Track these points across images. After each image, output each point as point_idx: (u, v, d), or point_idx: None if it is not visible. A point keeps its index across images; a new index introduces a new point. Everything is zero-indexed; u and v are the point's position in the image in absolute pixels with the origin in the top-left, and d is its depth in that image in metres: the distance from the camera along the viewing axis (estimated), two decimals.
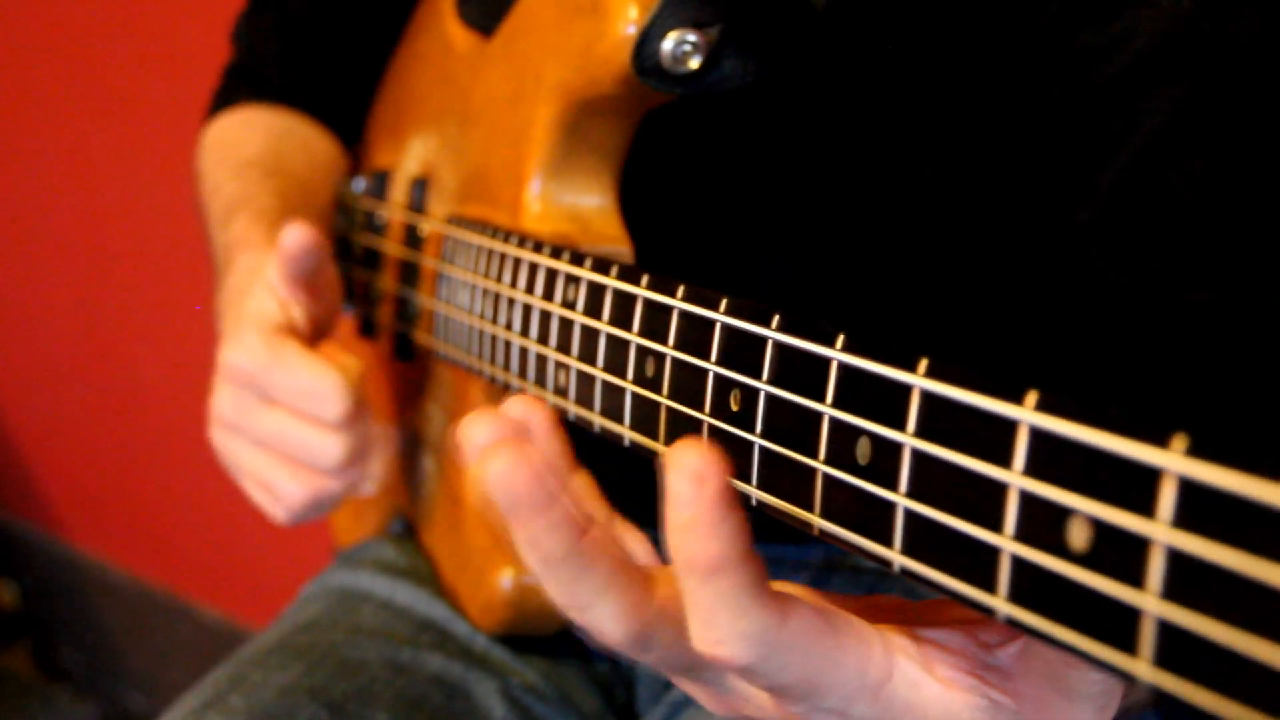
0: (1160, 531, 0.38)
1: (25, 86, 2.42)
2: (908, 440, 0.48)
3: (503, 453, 0.50)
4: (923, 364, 0.47)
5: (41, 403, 2.61)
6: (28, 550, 2.64)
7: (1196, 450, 0.37)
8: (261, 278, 0.90)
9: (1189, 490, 0.37)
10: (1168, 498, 0.38)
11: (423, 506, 1.02)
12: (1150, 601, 0.38)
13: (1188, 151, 0.72)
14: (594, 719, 0.94)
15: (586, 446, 0.92)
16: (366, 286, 1.12)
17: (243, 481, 0.92)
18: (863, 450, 0.50)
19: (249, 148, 1.11)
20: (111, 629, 2.51)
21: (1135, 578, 0.38)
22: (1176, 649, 0.37)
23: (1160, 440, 0.38)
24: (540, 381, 0.78)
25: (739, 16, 0.75)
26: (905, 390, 0.48)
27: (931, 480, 0.47)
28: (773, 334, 0.55)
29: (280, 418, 0.87)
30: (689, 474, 0.47)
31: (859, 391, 0.50)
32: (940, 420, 0.46)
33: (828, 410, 0.52)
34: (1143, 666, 0.38)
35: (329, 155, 1.15)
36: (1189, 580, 0.37)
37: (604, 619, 0.52)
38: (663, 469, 0.49)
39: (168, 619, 2.38)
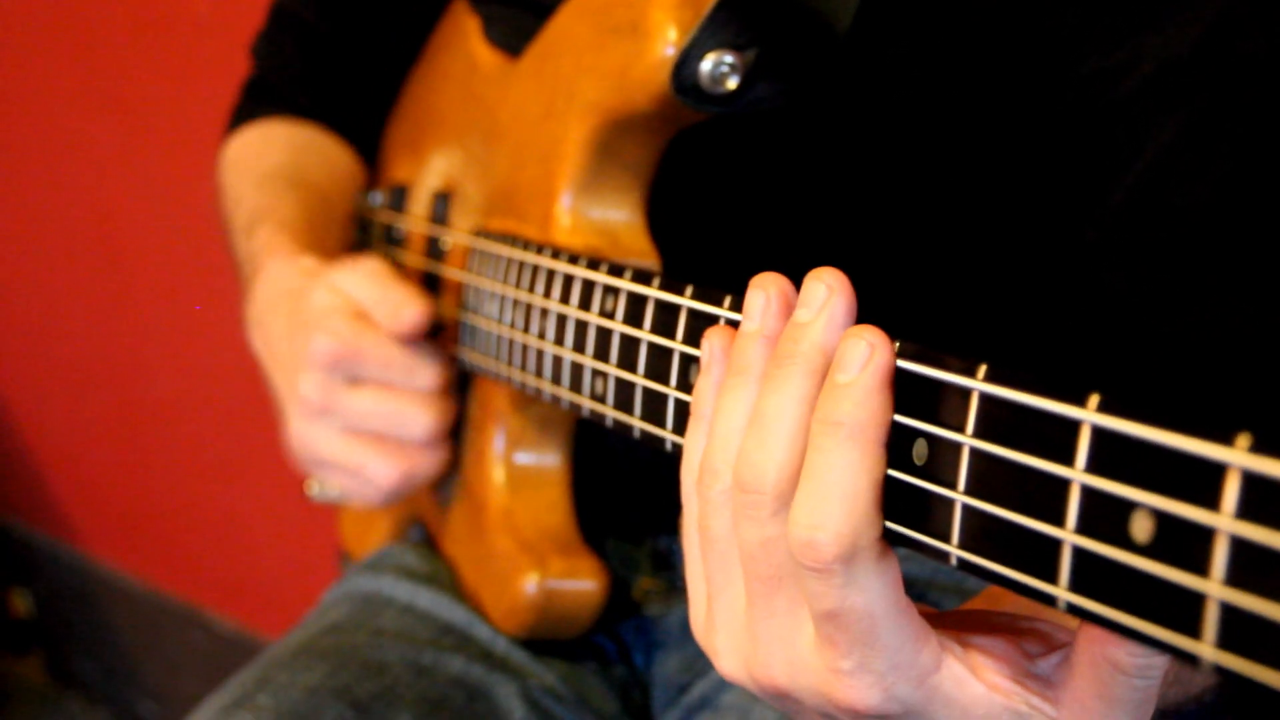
0: (1224, 522, 0.41)
1: (44, 104, 2.44)
2: (966, 440, 0.50)
3: None
4: (982, 369, 0.50)
5: (57, 412, 2.63)
6: (42, 559, 2.65)
7: (1260, 447, 0.40)
8: (321, 280, 0.94)
9: (1252, 483, 0.40)
10: (1232, 491, 0.40)
11: (441, 513, 1.04)
12: (1214, 587, 0.41)
13: (1195, 172, 0.76)
14: None
15: (600, 459, 0.95)
16: None
17: (325, 473, 0.95)
18: (919, 451, 0.53)
19: (270, 160, 1.13)
20: (125, 637, 2.52)
21: (1199, 566, 0.41)
22: (1240, 631, 0.40)
23: (1225, 438, 0.41)
24: (576, 388, 0.81)
25: (774, 39, 0.78)
26: (966, 393, 0.51)
27: (991, 477, 0.49)
28: None
29: (370, 395, 0.92)
30: (864, 340, 0.53)
31: (915, 392, 0.53)
32: (1000, 421, 0.49)
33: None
34: (1206, 648, 0.41)
35: (348, 167, 1.17)
36: (1252, 567, 0.40)
37: None
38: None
39: (181, 628, 2.39)
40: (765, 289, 0.58)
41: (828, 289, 0.55)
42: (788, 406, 0.55)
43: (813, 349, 0.55)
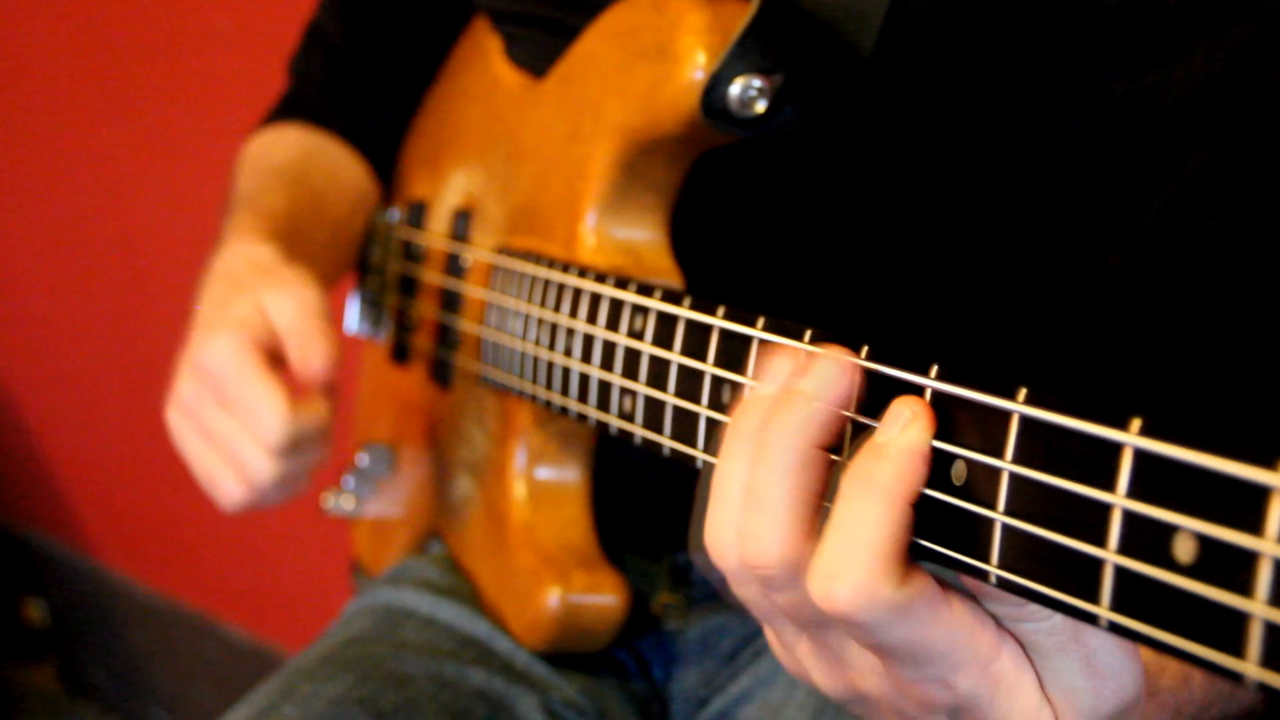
0: (1268, 546, 0.42)
1: (61, 117, 2.45)
2: (1005, 465, 0.52)
3: None
4: (1022, 392, 0.52)
5: (73, 421, 2.63)
6: (56, 568, 2.65)
7: None
8: (257, 287, 0.95)
9: None
10: (1276, 514, 0.42)
11: (461, 527, 1.05)
12: (1258, 607, 0.42)
13: (1222, 198, 0.77)
14: None
15: (620, 475, 0.96)
16: (401, 313, 1.16)
17: (187, 462, 0.98)
18: (958, 471, 0.54)
19: (276, 157, 1.16)
20: (138, 647, 2.52)
21: (1243, 587, 0.43)
22: None
23: (1268, 462, 0.42)
24: (603, 406, 0.82)
25: (801, 64, 0.80)
26: (1005, 416, 0.52)
27: (1031, 499, 0.51)
28: (862, 362, 0.59)
29: (229, 423, 0.94)
30: (909, 404, 0.55)
31: (952, 414, 0.54)
32: (1040, 443, 0.50)
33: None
34: (1250, 667, 0.42)
35: (353, 178, 1.19)
36: None
37: None
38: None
39: (194, 638, 2.39)
40: (781, 360, 0.60)
41: (839, 367, 0.58)
42: (780, 480, 0.57)
43: (800, 420, 0.57)
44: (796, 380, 0.58)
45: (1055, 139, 0.84)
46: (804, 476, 0.57)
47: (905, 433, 0.54)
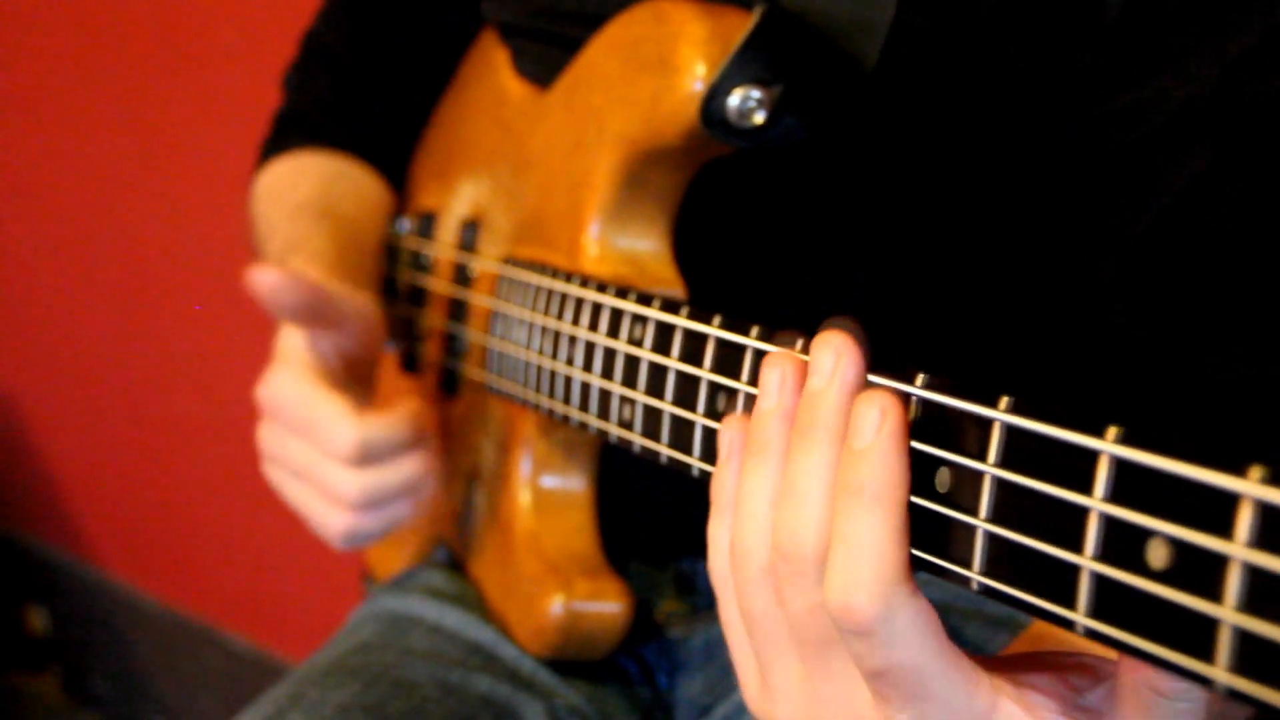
0: (1238, 550, 0.42)
1: (64, 123, 2.47)
2: (989, 469, 0.52)
3: None
4: (1004, 400, 0.52)
5: (75, 429, 2.65)
6: (59, 576, 2.67)
7: (1273, 478, 0.42)
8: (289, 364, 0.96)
9: (1265, 513, 0.42)
10: (1245, 520, 0.42)
11: (468, 535, 1.06)
12: (1228, 613, 0.43)
13: (1218, 210, 0.77)
14: None
15: (624, 483, 0.97)
16: (410, 323, 1.17)
17: (298, 512, 0.98)
18: (942, 479, 0.55)
19: (302, 191, 1.15)
20: (141, 656, 2.54)
21: (1213, 592, 0.43)
22: (1253, 656, 0.42)
23: (1238, 470, 0.43)
24: (603, 414, 0.82)
25: (800, 75, 0.81)
26: (988, 423, 0.52)
27: (1012, 505, 0.51)
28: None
29: (307, 450, 0.93)
30: (875, 404, 0.54)
31: (938, 422, 0.55)
32: (1022, 450, 0.51)
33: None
34: (1220, 672, 0.43)
35: (378, 197, 1.19)
36: (1264, 593, 0.42)
37: None
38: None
39: (197, 647, 2.40)
40: (780, 366, 0.60)
41: (835, 353, 0.57)
42: (816, 472, 0.57)
43: (830, 413, 0.57)
44: (813, 378, 0.58)
45: (1054, 150, 0.84)
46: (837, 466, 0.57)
47: (882, 434, 0.54)
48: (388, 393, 1.25)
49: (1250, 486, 0.42)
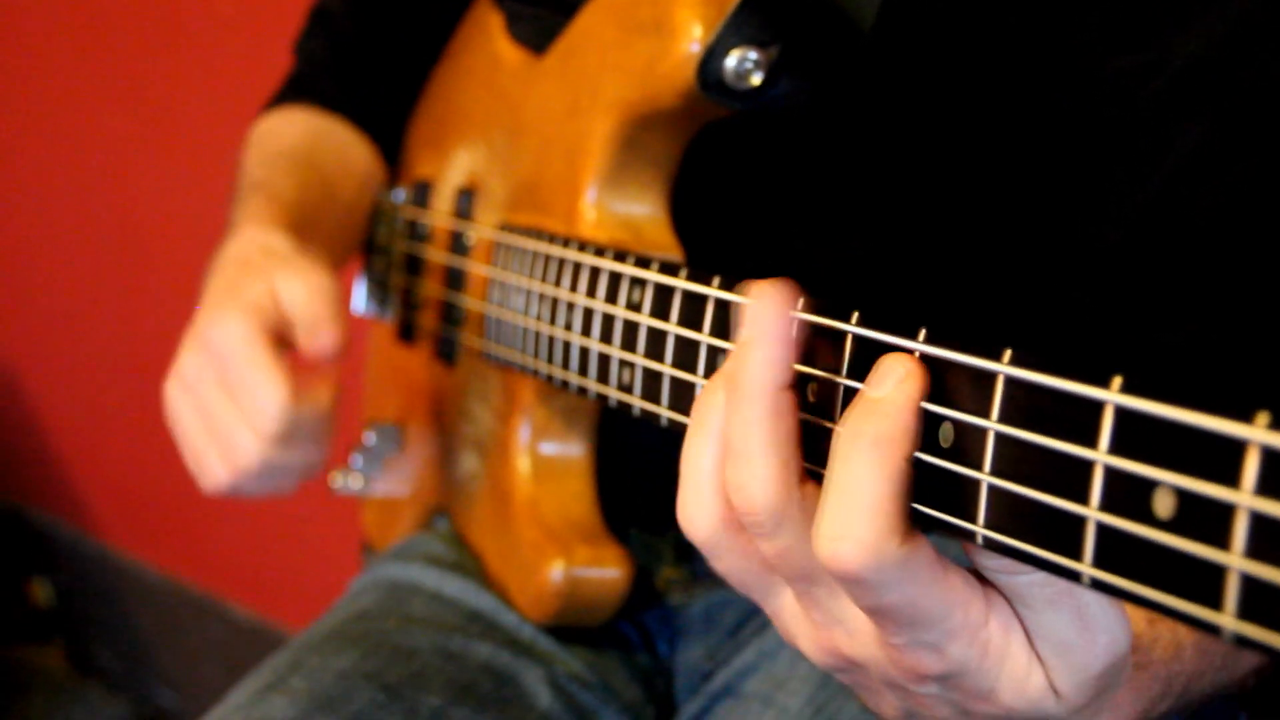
0: (1244, 498, 0.42)
1: (66, 101, 2.47)
2: (991, 425, 0.52)
3: None
4: (1007, 353, 0.52)
5: (78, 402, 2.65)
6: (62, 549, 2.68)
7: (1278, 424, 0.41)
8: (269, 271, 0.96)
9: (1271, 460, 0.42)
10: (1252, 467, 0.42)
11: (466, 503, 1.06)
12: (1235, 560, 0.42)
13: (1221, 174, 0.77)
14: (635, 708, 0.98)
15: (623, 449, 0.97)
16: (407, 292, 1.16)
17: (178, 438, 0.99)
18: (945, 434, 0.55)
19: (284, 140, 1.16)
20: (144, 627, 2.55)
21: (1220, 540, 0.43)
22: (1260, 601, 0.42)
23: (1245, 416, 0.42)
24: (603, 379, 0.82)
25: (797, 36, 0.80)
26: (991, 377, 0.52)
27: (1016, 459, 0.51)
28: (852, 329, 0.60)
29: (227, 404, 0.94)
30: (903, 362, 0.55)
31: (940, 377, 0.55)
32: (1025, 404, 0.51)
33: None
34: (1227, 619, 0.43)
35: (363, 162, 1.19)
36: (1271, 540, 0.42)
37: None
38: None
39: (200, 618, 2.41)
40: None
41: (760, 305, 0.58)
42: (755, 425, 0.58)
43: (756, 369, 0.58)
44: (740, 334, 0.59)
45: (1054, 113, 0.84)
46: (777, 419, 0.58)
47: (900, 388, 0.54)
48: (383, 363, 1.25)
49: (1257, 433, 0.42)
